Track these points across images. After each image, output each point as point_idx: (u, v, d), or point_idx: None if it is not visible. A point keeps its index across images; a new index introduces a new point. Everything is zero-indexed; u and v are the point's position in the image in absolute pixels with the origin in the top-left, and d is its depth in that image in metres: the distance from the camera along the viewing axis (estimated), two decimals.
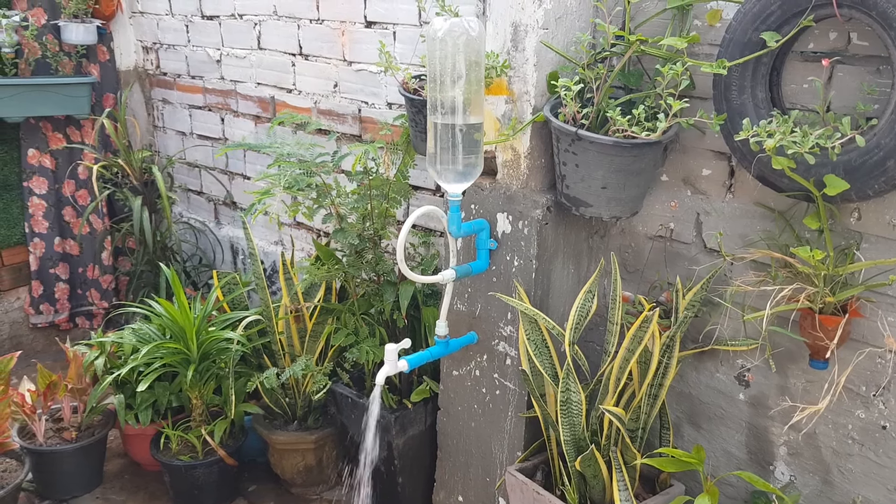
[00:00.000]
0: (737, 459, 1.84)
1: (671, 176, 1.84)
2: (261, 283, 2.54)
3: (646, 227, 1.92)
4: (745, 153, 1.53)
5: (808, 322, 1.53)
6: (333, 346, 2.40)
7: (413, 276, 1.78)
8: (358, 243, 2.25)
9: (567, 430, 1.78)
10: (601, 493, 1.78)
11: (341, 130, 2.79)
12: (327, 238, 2.91)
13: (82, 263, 3.71)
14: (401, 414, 2.25)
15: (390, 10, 2.47)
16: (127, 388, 2.57)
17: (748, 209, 1.71)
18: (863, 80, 1.48)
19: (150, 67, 3.74)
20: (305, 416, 2.57)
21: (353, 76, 2.69)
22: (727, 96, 1.55)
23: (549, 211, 1.85)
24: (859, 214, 1.54)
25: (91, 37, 3.43)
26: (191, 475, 2.50)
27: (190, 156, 3.66)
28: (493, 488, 2.14)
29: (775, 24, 1.46)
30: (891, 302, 1.53)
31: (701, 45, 1.70)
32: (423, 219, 2.54)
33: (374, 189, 2.20)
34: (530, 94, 1.81)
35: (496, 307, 1.99)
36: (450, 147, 1.66)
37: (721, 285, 1.76)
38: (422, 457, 2.37)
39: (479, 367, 2.09)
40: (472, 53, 1.61)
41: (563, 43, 1.81)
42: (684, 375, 1.90)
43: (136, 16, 3.69)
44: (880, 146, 1.35)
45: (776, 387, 1.73)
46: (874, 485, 1.62)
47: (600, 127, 1.69)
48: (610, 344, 1.79)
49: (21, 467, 2.43)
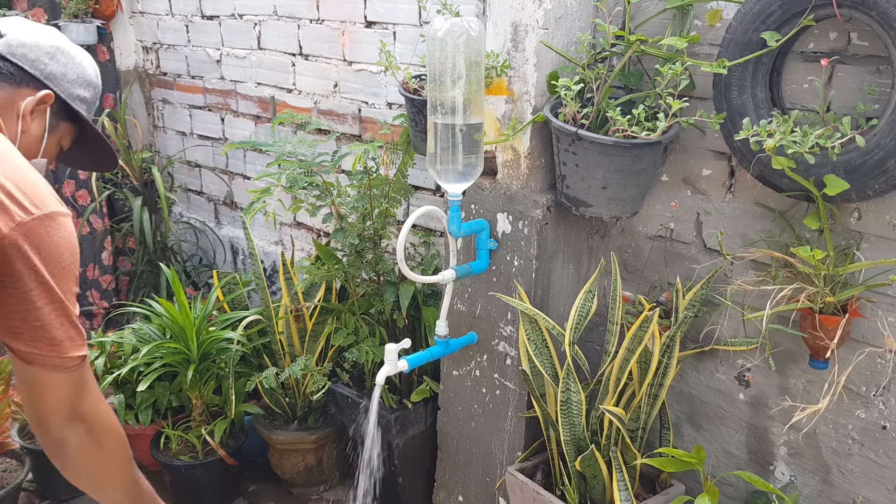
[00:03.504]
0: (737, 459, 1.84)
1: (671, 176, 1.84)
2: (261, 283, 2.54)
3: (646, 227, 1.92)
4: (746, 153, 1.53)
5: (809, 322, 1.53)
6: (333, 346, 2.40)
7: (413, 276, 1.78)
8: (358, 243, 2.25)
9: (567, 430, 1.78)
10: (601, 493, 1.78)
11: (341, 130, 2.79)
12: (327, 238, 2.91)
13: (82, 263, 3.72)
14: (401, 414, 2.25)
15: (390, 10, 2.47)
16: (127, 388, 2.56)
17: (748, 209, 1.71)
18: (863, 80, 1.48)
19: (150, 67, 3.74)
20: (305, 416, 2.57)
21: (353, 76, 2.69)
22: (727, 96, 1.55)
23: (549, 211, 1.85)
24: (859, 214, 1.54)
25: (91, 37, 3.43)
26: (191, 475, 2.50)
27: (190, 156, 3.66)
28: (493, 488, 2.14)
29: (775, 23, 1.46)
30: (891, 302, 1.53)
31: (701, 45, 1.70)
32: (423, 219, 2.54)
33: (374, 189, 2.20)
34: (530, 94, 1.81)
35: (496, 307, 1.99)
36: (450, 147, 1.66)
37: (721, 285, 1.76)
38: (422, 457, 2.37)
39: (479, 367, 2.09)
40: (473, 53, 1.61)
41: (563, 43, 1.81)
42: (684, 375, 1.90)
43: (136, 16, 3.69)
44: (880, 146, 1.35)
45: (776, 387, 1.73)
46: (874, 485, 1.62)
47: (600, 127, 1.69)
48: (610, 344, 1.79)
49: (21, 467, 2.43)
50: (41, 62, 1.33)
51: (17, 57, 1.31)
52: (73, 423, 1.24)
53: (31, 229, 1.13)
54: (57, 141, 1.42)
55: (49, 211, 1.16)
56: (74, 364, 1.20)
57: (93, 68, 1.43)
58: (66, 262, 1.18)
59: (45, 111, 1.35)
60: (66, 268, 1.18)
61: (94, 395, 1.27)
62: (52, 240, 1.16)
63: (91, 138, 1.46)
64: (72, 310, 1.19)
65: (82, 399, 1.24)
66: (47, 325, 1.16)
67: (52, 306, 1.16)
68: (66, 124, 1.41)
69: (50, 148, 1.40)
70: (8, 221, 1.11)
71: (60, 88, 1.35)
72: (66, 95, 1.37)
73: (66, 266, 1.18)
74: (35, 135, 1.35)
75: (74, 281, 1.21)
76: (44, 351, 1.17)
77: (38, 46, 1.34)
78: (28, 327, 1.15)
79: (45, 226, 1.15)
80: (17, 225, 1.11)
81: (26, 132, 1.32)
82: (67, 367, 1.19)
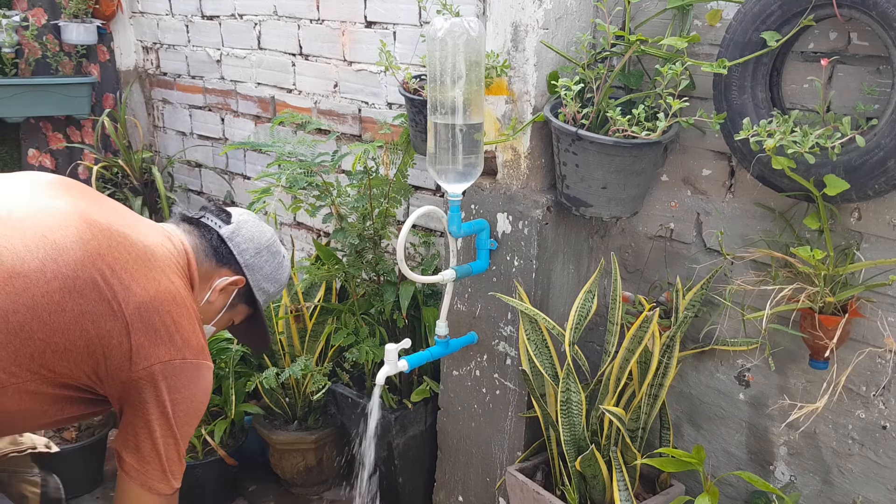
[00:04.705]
0: (737, 459, 1.84)
1: (671, 176, 1.84)
2: None
3: (646, 227, 1.92)
4: (746, 153, 1.53)
5: (809, 322, 1.53)
6: (333, 346, 2.40)
7: (413, 276, 1.78)
8: (358, 243, 2.25)
9: (567, 430, 1.78)
10: (601, 493, 1.78)
11: (341, 130, 2.79)
12: (327, 238, 2.91)
13: None
14: (401, 414, 2.25)
15: (390, 10, 2.47)
16: None
17: (748, 209, 1.71)
18: (863, 80, 1.48)
19: (150, 67, 3.74)
20: (305, 416, 2.57)
21: (353, 76, 2.69)
22: (727, 96, 1.55)
23: (549, 211, 1.85)
24: (859, 214, 1.54)
25: (91, 37, 3.44)
26: (191, 475, 2.48)
27: (190, 156, 3.66)
28: (493, 488, 2.14)
29: (775, 24, 1.46)
30: (891, 302, 1.53)
31: (701, 45, 1.70)
32: (423, 219, 2.53)
33: (374, 189, 2.20)
34: (530, 94, 1.81)
35: (496, 307, 1.99)
36: (450, 147, 1.66)
37: (721, 285, 1.76)
38: (422, 457, 2.37)
39: (479, 367, 2.09)
40: (473, 53, 1.61)
41: (563, 43, 1.81)
42: (684, 375, 1.90)
43: (136, 16, 3.69)
44: (880, 146, 1.35)
45: (776, 387, 1.73)
46: (874, 485, 1.62)
47: (600, 127, 1.69)
48: (610, 344, 1.79)
49: None
50: (248, 253, 1.55)
51: (233, 244, 1.53)
52: None
53: (175, 370, 1.30)
54: (231, 317, 1.62)
55: (198, 360, 1.34)
56: (167, 492, 1.35)
57: (286, 272, 1.66)
58: (194, 409, 1.35)
59: (231, 292, 1.55)
60: (191, 413, 1.34)
61: None
62: (189, 386, 1.32)
63: (256, 323, 1.65)
64: (182, 448, 1.35)
65: None
66: (159, 454, 1.31)
67: (166, 440, 1.31)
68: (243, 306, 1.61)
69: (223, 320, 1.60)
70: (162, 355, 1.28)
71: (252, 278, 1.56)
72: (254, 285, 1.57)
73: (192, 412, 1.34)
74: (216, 307, 1.56)
75: (195, 426, 1.38)
76: (149, 472, 1.32)
77: (251, 241, 1.56)
78: (141, 445, 1.31)
79: (189, 373, 1.32)
80: (162, 363, 1.28)
81: (211, 302, 1.54)
82: (160, 492, 1.34)
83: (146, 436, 1.30)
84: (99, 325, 1.23)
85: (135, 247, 1.32)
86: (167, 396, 1.28)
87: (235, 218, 1.56)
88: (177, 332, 1.30)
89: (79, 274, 1.22)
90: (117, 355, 1.25)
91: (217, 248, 1.51)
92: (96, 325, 1.23)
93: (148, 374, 1.26)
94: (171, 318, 1.29)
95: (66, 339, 1.22)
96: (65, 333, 1.21)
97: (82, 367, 1.25)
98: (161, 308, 1.28)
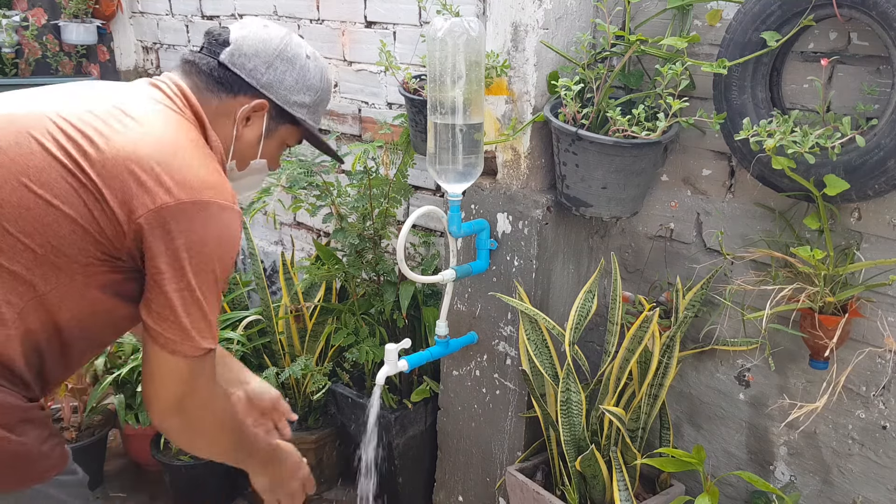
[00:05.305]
0: (737, 459, 1.84)
1: (671, 176, 1.84)
2: (261, 283, 2.54)
3: (646, 227, 1.92)
4: (746, 153, 1.53)
5: (808, 322, 1.53)
6: (333, 346, 2.40)
7: (413, 276, 1.78)
8: (358, 243, 2.25)
9: (567, 430, 1.78)
10: (601, 493, 1.78)
11: (341, 130, 2.79)
12: (327, 238, 2.90)
13: None
14: (401, 414, 2.25)
15: (390, 10, 2.47)
16: (127, 388, 2.56)
17: (748, 209, 1.71)
18: (863, 80, 1.48)
19: (151, 67, 3.74)
20: (305, 416, 2.57)
21: (353, 76, 2.69)
22: (727, 96, 1.55)
23: (549, 211, 1.85)
24: (859, 214, 1.54)
25: (91, 37, 3.44)
26: (191, 475, 2.50)
27: None
28: (493, 488, 2.14)
29: (775, 24, 1.46)
30: (891, 302, 1.53)
31: (701, 45, 1.70)
32: (423, 219, 2.53)
33: (374, 189, 2.20)
34: (530, 94, 1.81)
35: (496, 307, 1.99)
36: (450, 147, 1.66)
37: (721, 285, 1.76)
38: (422, 457, 2.37)
39: (479, 367, 2.09)
40: (473, 53, 1.61)
41: (563, 43, 1.81)
42: (684, 375, 1.90)
43: (136, 16, 3.69)
44: (880, 146, 1.35)
45: (776, 387, 1.73)
46: (874, 485, 1.62)
47: (600, 127, 1.69)
48: (610, 344, 1.79)
49: None
50: (258, 72, 1.36)
51: (236, 66, 1.34)
52: (173, 416, 1.24)
53: (174, 213, 1.15)
54: (279, 143, 1.45)
55: (198, 199, 1.17)
56: (194, 354, 1.20)
57: (317, 72, 1.43)
58: (209, 252, 1.19)
59: (262, 117, 1.39)
60: (207, 257, 1.19)
61: (205, 394, 1.26)
62: (195, 229, 1.17)
63: (314, 139, 1.49)
64: (203, 302, 1.19)
65: (192, 393, 1.23)
66: (175, 309, 1.17)
67: (181, 293, 1.17)
68: (287, 127, 1.43)
69: (269, 150, 1.44)
70: (148, 203, 1.14)
71: (276, 96, 1.38)
72: (282, 102, 1.39)
73: (207, 255, 1.18)
74: (250, 139, 1.39)
75: (217, 274, 1.21)
76: (167, 332, 1.18)
77: (257, 55, 1.36)
78: (157, 306, 1.17)
79: (189, 215, 1.17)
80: (157, 207, 1.14)
81: (240, 138, 1.38)
82: (186, 354, 1.19)
83: (158, 292, 1.17)
84: (72, 205, 1.14)
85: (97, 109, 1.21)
86: (170, 245, 1.16)
87: (234, 36, 1.36)
88: (163, 175, 1.16)
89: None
90: (106, 224, 1.16)
91: (221, 78, 1.34)
92: (69, 206, 1.14)
93: (137, 227, 1.15)
94: (150, 164, 1.16)
95: (44, 238, 1.14)
96: (42, 234, 1.14)
97: (89, 250, 1.17)
98: (131, 157, 1.16)
